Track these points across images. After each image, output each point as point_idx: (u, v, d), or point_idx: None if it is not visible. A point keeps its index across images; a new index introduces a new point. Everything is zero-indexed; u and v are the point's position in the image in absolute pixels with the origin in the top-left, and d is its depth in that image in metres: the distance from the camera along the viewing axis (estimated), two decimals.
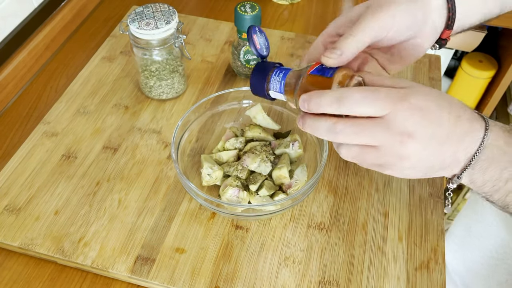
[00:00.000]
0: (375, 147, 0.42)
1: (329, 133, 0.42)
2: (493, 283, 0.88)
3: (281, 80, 0.48)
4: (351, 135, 0.41)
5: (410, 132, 0.40)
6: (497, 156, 0.42)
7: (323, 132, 0.43)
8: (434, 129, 0.41)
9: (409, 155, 0.41)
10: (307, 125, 0.44)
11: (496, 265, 0.84)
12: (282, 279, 0.56)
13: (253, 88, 0.51)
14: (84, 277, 0.58)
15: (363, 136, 0.41)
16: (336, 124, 0.42)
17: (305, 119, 0.44)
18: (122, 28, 0.71)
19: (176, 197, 0.63)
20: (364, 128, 0.41)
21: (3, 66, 0.77)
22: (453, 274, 0.97)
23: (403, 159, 0.42)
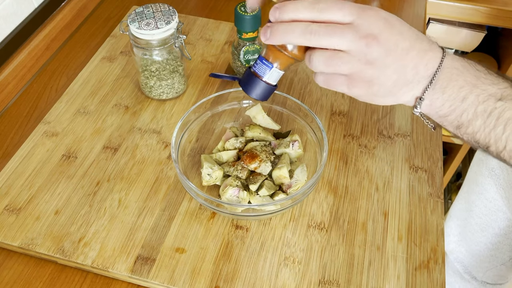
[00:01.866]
0: (344, 52, 0.44)
1: (304, 35, 0.43)
2: (497, 263, 0.88)
3: (259, 59, 0.49)
4: (324, 36, 0.43)
5: (375, 34, 0.43)
6: (455, 76, 0.46)
7: (297, 35, 0.44)
8: (397, 38, 0.44)
9: (374, 58, 0.43)
10: (278, 31, 0.44)
11: (499, 242, 0.85)
12: (282, 279, 0.56)
13: (253, 89, 0.50)
14: (84, 277, 0.58)
15: (334, 37, 0.43)
16: (311, 25, 0.43)
17: (275, 26, 0.45)
18: (122, 28, 0.71)
19: (176, 197, 0.63)
20: (335, 30, 0.43)
21: (3, 66, 0.77)
22: (456, 264, 0.98)
23: (368, 64, 0.44)
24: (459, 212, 0.95)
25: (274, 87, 0.51)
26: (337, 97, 0.76)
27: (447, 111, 0.46)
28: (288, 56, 0.48)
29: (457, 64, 0.46)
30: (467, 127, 0.47)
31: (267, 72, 0.49)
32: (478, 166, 0.87)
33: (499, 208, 0.81)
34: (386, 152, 0.69)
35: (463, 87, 0.45)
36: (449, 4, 1.14)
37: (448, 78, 0.45)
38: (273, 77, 0.50)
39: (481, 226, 0.87)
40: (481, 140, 0.47)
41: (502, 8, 1.11)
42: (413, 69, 0.45)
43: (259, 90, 0.50)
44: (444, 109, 0.47)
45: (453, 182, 1.67)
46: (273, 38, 0.45)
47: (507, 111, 0.44)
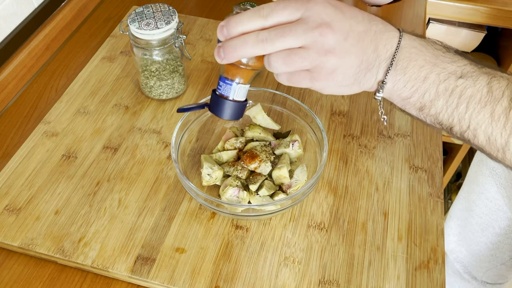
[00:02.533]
0: (300, 49, 0.43)
1: (257, 44, 0.43)
2: (498, 263, 0.88)
3: (221, 80, 0.49)
4: (276, 40, 0.42)
5: (327, 22, 0.42)
6: (414, 55, 0.45)
7: (250, 47, 0.43)
8: (350, 23, 0.43)
9: (331, 47, 0.42)
10: (230, 48, 0.44)
11: (500, 241, 0.85)
12: (282, 279, 0.56)
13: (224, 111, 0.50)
14: (84, 277, 0.58)
15: (286, 37, 0.42)
16: (260, 33, 0.43)
17: (226, 44, 0.44)
18: (122, 28, 0.71)
19: (176, 197, 0.63)
20: (284, 30, 0.42)
21: (3, 66, 0.77)
22: (456, 263, 0.98)
23: (327, 54, 0.42)
24: (459, 212, 0.95)
25: (245, 102, 0.50)
26: (337, 97, 0.77)
27: (409, 92, 0.46)
28: (247, 69, 0.47)
29: (415, 43, 0.45)
30: (429, 107, 0.46)
31: (232, 90, 0.48)
32: (478, 166, 0.87)
33: (499, 207, 0.82)
34: (386, 152, 0.69)
35: (424, 67, 0.45)
36: (449, 4, 1.14)
37: (407, 58, 0.45)
38: (241, 93, 0.49)
39: (482, 226, 0.87)
40: (444, 120, 0.46)
41: (502, 8, 1.12)
42: (373, 52, 0.44)
43: (231, 110, 0.49)
44: (406, 91, 0.46)
45: (453, 182, 1.67)
46: (227, 56, 0.44)
47: (468, 88, 0.44)
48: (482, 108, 0.43)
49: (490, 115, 0.43)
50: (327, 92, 0.47)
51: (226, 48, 0.44)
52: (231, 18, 0.44)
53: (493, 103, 0.43)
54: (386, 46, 0.45)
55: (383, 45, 0.45)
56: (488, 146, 0.45)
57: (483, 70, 0.44)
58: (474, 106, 0.44)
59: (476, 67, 0.45)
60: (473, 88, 0.44)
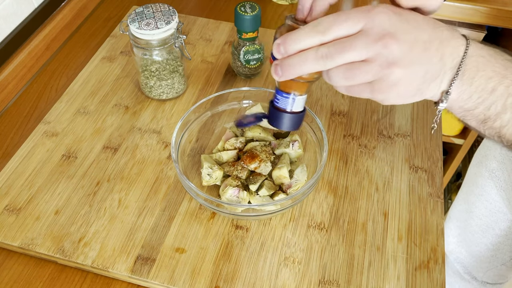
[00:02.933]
0: (362, 62, 0.41)
1: (317, 61, 0.41)
2: (498, 263, 0.88)
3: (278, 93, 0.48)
4: (337, 55, 0.41)
5: (391, 33, 0.40)
6: (481, 65, 0.42)
7: (310, 63, 0.41)
8: (415, 32, 0.41)
9: (396, 58, 0.40)
10: (288, 66, 0.42)
11: (500, 243, 0.84)
12: (282, 279, 0.56)
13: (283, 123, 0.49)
14: (84, 277, 0.58)
15: (347, 52, 0.40)
16: (320, 49, 0.41)
17: (285, 62, 0.43)
18: (122, 28, 0.71)
19: (176, 197, 0.63)
20: (345, 44, 0.40)
21: (3, 66, 0.77)
22: (456, 264, 0.98)
23: (391, 66, 0.40)
24: (459, 213, 0.95)
25: (303, 111, 0.50)
26: (337, 97, 0.76)
27: (474, 104, 0.43)
28: (305, 82, 0.46)
29: (483, 52, 0.43)
30: (494, 120, 0.43)
31: (289, 103, 0.48)
32: (477, 168, 0.86)
33: (499, 209, 0.81)
34: (386, 152, 0.69)
35: (492, 78, 0.42)
36: (449, 4, 1.13)
37: (475, 68, 0.42)
38: (299, 104, 0.48)
39: (482, 228, 0.87)
40: (507, 135, 0.44)
41: (502, 8, 1.11)
42: (439, 61, 0.42)
43: (290, 122, 0.49)
44: (471, 102, 0.43)
45: (453, 182, 1.67)
46: (286, 74, 0.43)
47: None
48: None
49: None
50: (387, 103, 0.45)
51: (285, 67, 0.43)
52: (287, 35, 0.42)
53: None
54: (453, 54, 0.42)
55: (449, 54, 0.42)
56: None
57: None
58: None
59: None
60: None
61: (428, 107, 0.76)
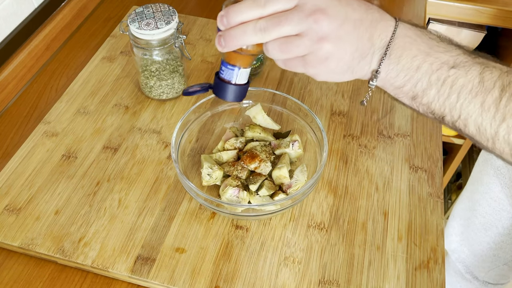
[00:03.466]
0: (296, 36, 0.43)
1: (255, 33, 0.44)
2: (500, 263, 0.88)
3: (223, 65, 0.50)
4: (273, 28, 0.43)
5: (322, 8, 0.42)
6: (408, 45, 0.45)
7: (249, 35, 0.44)
8: (346, 10, 0.43)
9: (326, 33, 0.42)
10: (230, 37, 0.45)
11: (503, 241, 0.84)
12: (282, 279, 0.56)
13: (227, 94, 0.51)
14: (84, 277, 0.58)
15: (283, 25, 0.43)
16: (258, 22, 0.43)
17: (226, 33, 0.45)
18: (122, 28, 0.71)
19: (176, 197, 0.63)
20: (280, 18, 0.43)
21: (3, 66, 0.77)
22: (457, 263, 0.98)
23: (321, 41, 0.42)
24: (462, 211, 0.95)
25: (247, 84, 0.52)
26: (337, 97, 0.77)
27: (402, 81, 0.46)
28: (248, 55, 0.48)
29: (410, 32, 0.45)
30: (422, 97, 0.46)
31: (234, 75, 0.50)
32: (483, 166, 0.86)
33: (503, 207, 0.81)
34: (386, 152, 0.69)
35: (417, 56, 0.45)
36: (449, 4, 1.14)
37: (401, 47, 0.45)
38: (242, 77, 0.51)
39: (485, 226, 0.87)
40: (436, 110, 0.46)
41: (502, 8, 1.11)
42: (368, 40, 0.44)
43: (234, 93, 0.51)
44: (399, 80, 0.46)
45: (453, 182, 1.67)
46: (228, 45, 0.45)
47: (460, 78, 0.44)
48: (473, 98, 0.44)
49: (480, 105, 0.44)
50: (320, 79, 0.47)
51: (227, 37, 0.45)
52: (230, 8, 0.45)
53: (484, 93, 0.43)
54: (381, 35, 0.45)
55: (378, 34, 0.45)
56: (479, 136, 0.46)
57: (476, 60, 0.45)
58: (465, 96, 0.44)
59: (469, 57, 0.45)
60: (464, 78, 0.44)
61: None
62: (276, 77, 0.79)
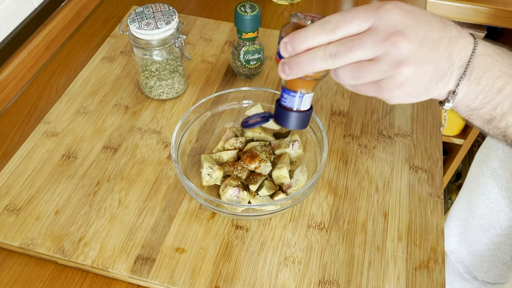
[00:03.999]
0: (370, 62, 0.40)
1: (325, 60, 0.40)
2: (499, 263, 0.88)
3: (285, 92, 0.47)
4: (345, 54, 0.40)
5: (400, 31, 0.38)
6: (489, 65, 0.42)
7: (318, 62, 0.41)
8: (425, 30, 0.40)
9: (405, 57, 0.39)
10: (296, 65, 0.42)
11: (501, 242, 0.84)
12: (282, 279, 0.56)
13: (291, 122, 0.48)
14: (84, 277, 0.58)
15: (355, 51, 0.39)
16: (328, 48, 0.40)
17: (292, 61, 0.42)
18: (122, 28, 0.71)
19: (176, 197, 0.63)
20: (354, 43, 0.39)
21: (3, 66, 0.77)
22: (456, 264, 0.98)
23: (400, 65, 0.39)
24: (460, 212, 0.95)
25: (310, 109, 0.49)
26: (337, 97, 0.76)
27: (480, 103, 0.43)
28: (313, 80, 0.45)
29: (490, 51, 0.43)
30: (499, 120, 0.43)
31: (296, 101, 0.47)
32: (479, 167, 0.86)
33: (501, 208, 0.81)
34: (386, 152, 0.69)
35: (499, 78, 0.42)
36: (449, 4, 1.13)
37: (482, 67, 0.42)
38: (306, 103, 0.48)
39: (483, 227, 0.87)
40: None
41: (502, 8, 1.11)
42: (448, 60, 0.41)
43: (297, 121, 0.48)
44: (477, 102, 0.43)
45: (453, 182, 1.67)
46: (293, 72, 0.43)
47: None
48: None
49: None
50: (393, 102, 0.43)
51: (292, 65, 0.42)
52: (295, 34, 0.41)
53: None
54: (461, 53, 0.42)
55: (458, 52, 0.42)
56: None
57: None
58: None
59: None
60: None
61: (429, 107, 0.76)
62: (276, 77, 0.79)
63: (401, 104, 0.46)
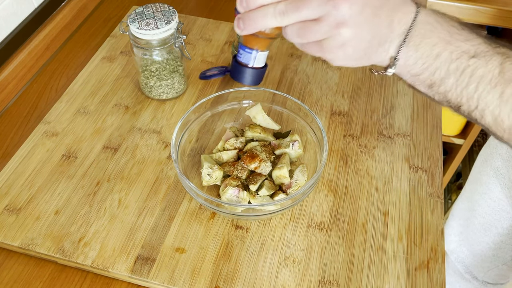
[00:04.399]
0: (314, 21, 0.43)
1: (275, 17, 0.44)
2: (499, 263, 0.88)
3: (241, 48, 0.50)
4: (292, 12, 0.43)
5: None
6: (428, 32, 0.44)
7: (268, 19, 0.44)
8: (365, 6, 0.42)
9: (344, 20, 0.42)
10: (249, 20, 0.45)
11: (502, 241, 0.84)
12: (282, 279, 0.56)
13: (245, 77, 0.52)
14: (84, 277, 0.58)
15: (302, 10, 0.43)
16: (278, 6, 0.43)
17: (246, 16, 0.45)
18: (122, 28, 0.71)
19: (176, 197, 0.63)
20: (300, 2, 0.43)
21: (3, 66, 0.77)
22: (457, 263, 0.98)
23: (339, 26, 0.42)
24: (461, 212, 0.95)
25: (264, 67, 0.52)
26: (337, 97, 0.77)
27: (420, 69, 0.45)
28: (267, 38, 0.48)
29: (431, 19, 0.45)
30: (439, 85, 0.45)
31: (252, 58, 0.50)
32: (482, 166, 0.86)
33: (503, 207, 0.81)
34: (386, 152, 0.69)
35: (437, 44, 0.44)
36: (449, 4, 1.14)
37: (421, 35, 0.44)
38: (260, 60, 0.51)
39: (484, 226, 0.86)
40: (452, 99, 0.45)
41: (502, 8, 1.12)
42: (387, 27, 0.44)
43: (251, 77, 0.52)
44: (417, 68, 0.45)
45: (453, 182, 1.67)
46: (247, 28, 0.46)
47: (479, 68, 0.43)
48: (492, 89, 0.43)
49: (499, 96, 0.43)
50: (336, 64, 0.46)
51: (246, 20, 0.45)
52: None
53: (503, 84, 0.42)
54: (401, 21, 0.44)
55: (398, 21, 0.44)
56: (495, 127, 0.45)
57: (497, 50, 0.44)
58: (484, 86, 0.43)
59: (490, 46, 0.44)
60: (484, 68, 0.43)
61: (428, 107, 0.76)
62: (276, 77, 0.79)
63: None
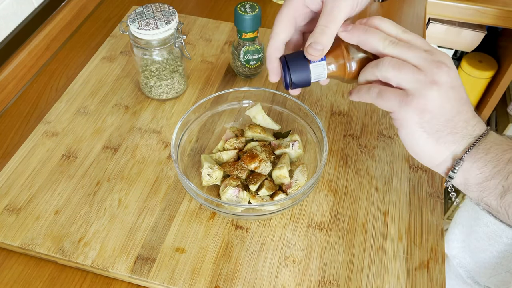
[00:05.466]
0: (414, 66, 0.45)
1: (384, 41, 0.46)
2: (502, 270, 0.87)
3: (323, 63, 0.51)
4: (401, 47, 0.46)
5: (448, 64, 0.45)
6: (498, 141, 0.45)
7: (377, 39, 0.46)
8: (458, 89, 0.45)
9: (441, 82, 0.44)
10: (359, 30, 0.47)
11: (506, 251, 0.84)
12: (282, 279, 0.56)
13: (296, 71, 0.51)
14: (84, 277, 0.58)
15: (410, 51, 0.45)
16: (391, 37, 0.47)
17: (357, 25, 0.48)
18: (122, 28, 0.71)
19: (176, 197, 0.63)
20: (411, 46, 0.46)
21: (3, 66, 0.77)
22: (458, 268, 0.97)
23: (434, 85, 0.44)
24: (465, 219, 0.94)
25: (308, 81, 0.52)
26: (337, 97, 0.77)
27: (490, 173, 0.44)
28: (344, 62, 0.49)
29: (501, 137, 0.46)
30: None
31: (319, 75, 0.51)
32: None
33: None
34: (386, 152, 0.69)
35: (507, 150, 0.44)
36: (449, 4, 1.14)
37: (491, 142, 0.45)
38: (317, 71, 0.51)
39: (488, 235, 0.86)
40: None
41: (502, 8, 1.12)
42: (464, 121, 0.45)
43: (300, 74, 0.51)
44: (487, 171, 0.44)
45: None
46: (353, 32, 0.47)
47: None
48: None
49: None
50: (404, 130, 0.47)
51: (356, 28, 0.47)
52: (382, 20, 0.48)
53: None
54: (475, 126, 0.46)
55: (473, 124, 0.46)
56: None
57: None
58: None
59: None
60: None
61: None
62: None
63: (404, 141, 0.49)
